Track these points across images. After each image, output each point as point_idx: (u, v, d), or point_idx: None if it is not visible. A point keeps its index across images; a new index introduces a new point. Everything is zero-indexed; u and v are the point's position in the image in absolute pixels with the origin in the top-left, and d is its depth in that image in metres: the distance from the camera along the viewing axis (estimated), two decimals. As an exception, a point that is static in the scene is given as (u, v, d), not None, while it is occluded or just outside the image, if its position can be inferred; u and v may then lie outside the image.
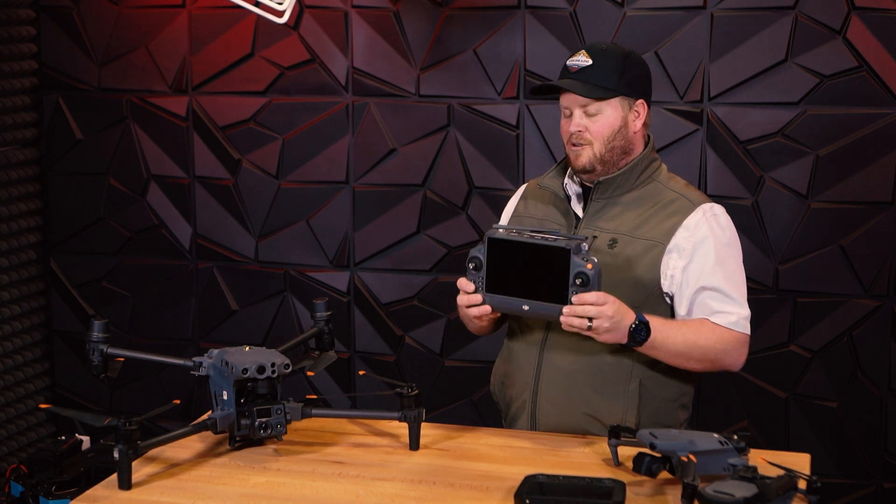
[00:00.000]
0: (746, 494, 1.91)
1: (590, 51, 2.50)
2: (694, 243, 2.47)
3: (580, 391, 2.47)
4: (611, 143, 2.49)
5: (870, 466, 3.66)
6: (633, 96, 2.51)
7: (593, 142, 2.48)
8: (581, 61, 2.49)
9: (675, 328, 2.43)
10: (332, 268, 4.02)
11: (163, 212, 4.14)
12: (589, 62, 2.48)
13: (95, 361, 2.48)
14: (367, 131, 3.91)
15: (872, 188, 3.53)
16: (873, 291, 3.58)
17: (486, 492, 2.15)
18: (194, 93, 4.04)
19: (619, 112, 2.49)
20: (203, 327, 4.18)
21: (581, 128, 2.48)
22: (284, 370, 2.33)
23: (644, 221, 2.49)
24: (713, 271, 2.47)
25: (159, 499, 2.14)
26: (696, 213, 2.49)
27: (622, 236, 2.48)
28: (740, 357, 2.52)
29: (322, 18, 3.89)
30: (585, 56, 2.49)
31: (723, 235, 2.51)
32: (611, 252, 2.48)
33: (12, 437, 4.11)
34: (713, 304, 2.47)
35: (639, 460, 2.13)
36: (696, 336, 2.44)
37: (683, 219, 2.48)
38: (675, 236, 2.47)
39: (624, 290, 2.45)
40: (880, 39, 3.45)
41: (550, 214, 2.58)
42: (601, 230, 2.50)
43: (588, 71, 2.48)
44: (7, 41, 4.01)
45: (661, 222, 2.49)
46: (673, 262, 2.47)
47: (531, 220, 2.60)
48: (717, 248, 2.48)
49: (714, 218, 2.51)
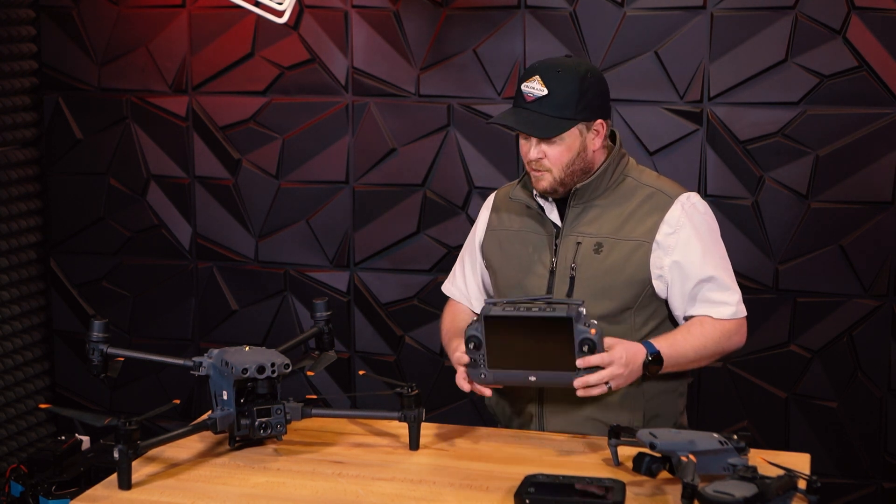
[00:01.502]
0: (746, 494, 1.91)
1: (545, 76, 2.42)
2: (678, 239, 2.48)
3: (588, 399, 2.46)
4: (570, 168, 2.47)
5: (870, 466, 3.66)
6: (591, 119, 2.46)
7: (552, 168, 2.45)
8: (535, 90, 2.42)
9: (683, 342, 2.45)
10: (332, 268, 4.02)
11: (163, 212, 4.14)
12: (544, 92, 2.41)
13: (95, 361, 2.48)
14: (367, 131, 3.91)
15: (872, 188, 3.53)
16: (873, 291, 3.58)
17: (486, 492, 2.15)
18: (194, 93, 4.04)
19: (578, 137, 2.45)
20: (203, 327, 4.18)
21: (540, 155, 2.45)
22: (284, 370, 2.33)
23: (625, 222, 2.49)
24: (704, 262, 2.48)
25: (159, 499, 2.14)
26: (675, 206, 2.50)
27: (606, 239, 2.49)
28: (742, 338, 2.56)
29: (322, 18, 3.89)
30: (540, 84, 2.42)
31: (703, 224, 2.52)
32: (597, 257, 2.48)
33: (12, 437, 4.11)
34: (712, 295, 2.49)
35: (639, 460, 2.13)
36: (702, 341, 2.47)
37: (664, 214, 2.49)
38: (658, 233, 2.48)
39: (615, 293, 2.46)
40: (880, 39, 3.45)
41: (527, 225, 2.58)
42: (583, 235, 2.50)
43: (544, 101, 2.41)
44: (7, 41, 4.01)
45: (642, 220, 2.49)
46: (660, 260, 2.48)
47: (507, 233, 2.60)
48: (702, 239, 2.50)
49: (693, 208, 2.51)
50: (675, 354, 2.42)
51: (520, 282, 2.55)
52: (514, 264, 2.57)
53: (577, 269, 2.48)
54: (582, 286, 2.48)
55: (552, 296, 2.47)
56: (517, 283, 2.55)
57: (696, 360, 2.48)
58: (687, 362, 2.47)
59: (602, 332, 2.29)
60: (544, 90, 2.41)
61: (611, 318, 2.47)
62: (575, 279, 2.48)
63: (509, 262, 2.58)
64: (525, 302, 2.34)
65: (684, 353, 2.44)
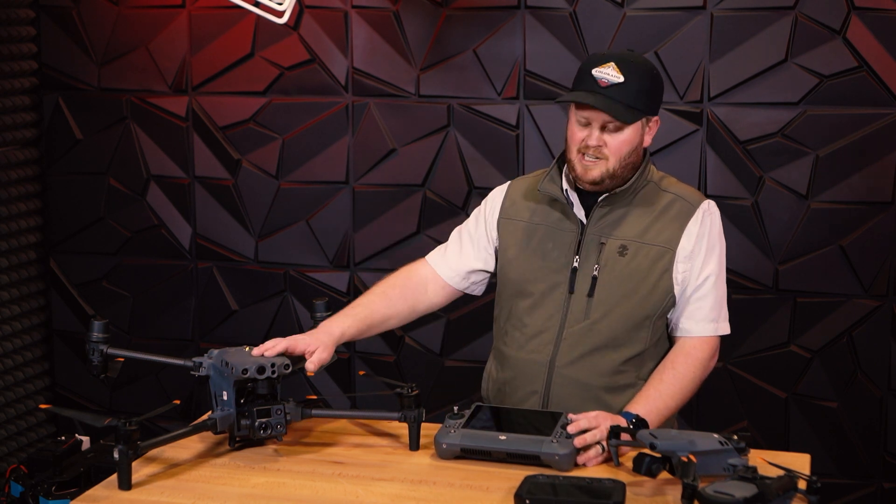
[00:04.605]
0: (746, 494, 1.91)
1: (620, 65, 2.41)
2: (696, 245, 2.49)
3: (592, 400, 2.47)
4: (626, 160, 2.46)
5: (870, 466, 3.66)
6: (653, 114, 2.50)
7: (609, 157, 2.44)
8: (612, 76, 2.40)
9: (662, 397, 2.42)
10: (332, 268, 4.02)
11: (163, 212, 4.14)
12: (620, 79, 2.40)
13: (95, 361, 2.48)
14: (367, 131, 3.91)
15: (872, 188, 3.53)
16: (873, 291, 3.58)
17: (486, 492, 2.15)
18: (194, 93, 4.04)
19: (639, 130, 2.46)
20: (203, 327, 4.18)
21: (601, 143, 2.43)
22: (284, 370, 2.33)
23: (649, 226, 2.49)
24: (707, 259, 2.49)
25: (159, 499, 2.14)
26: (698, 214, 2.51)
27: (631, 242, 2.48)
28: (714, 360, 2.54)
29: (322, 18, 3.89)
30: (616, 71, 2.41)
31: (716, 236, 2.53)
32: (622, 259, 2.47)
33: (12, 437, 4.11)
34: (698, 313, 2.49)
35: (639, 460, 2.13)
36: (679, 384, 2.45)
37: (686, 222, 2.50)
38: (682, 241, 2.48)
39: (637, 297, 2.46)
40: (880, 39, 3.45)
41: (549, 219, 2.55)
42: (607, 236, 2.49)
43: (619, 88, 2.40)
44: (7, 41, 4.01)
45: (666, 227, 2.49)
46: (682, 267, 2.48)
47: (526, 224, 2.57)
48: (710, 239, 2.51)
49: (710, 216, 2.53)
50: (658, 416, 2.40)
51: (541, 277, 2.52)
52: (535, 257, 2.54)
53: (600, 270, 2.47)
54: (604, 287, 2.47)
55: (563, 336, 2.48)
56: (537, 277, 2.52)
57: (680, 405, 2.47)
58: (673, 411, 2.46)
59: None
60: (620, 77, 2.40)
61: (630, 324, 2.47)
62: (597, 280, 2.47)
63: (530, 254, 2.55)
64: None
65: (667, 406, 2.42)
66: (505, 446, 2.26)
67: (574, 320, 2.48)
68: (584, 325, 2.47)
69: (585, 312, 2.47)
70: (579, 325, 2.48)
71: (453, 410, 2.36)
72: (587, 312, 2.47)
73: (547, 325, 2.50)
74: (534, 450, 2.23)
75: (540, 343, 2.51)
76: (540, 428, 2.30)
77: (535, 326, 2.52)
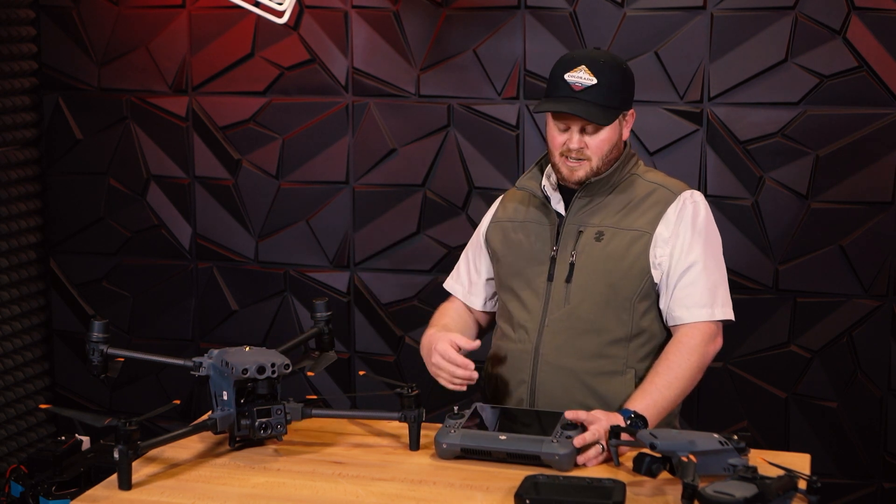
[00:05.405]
0: (746, 494, 1.91)
1: (591, 67, 2.45)
2: (675, 231, 2.49)
3: (578, 386, 2.48)
4: (608, 157, 2.51)
5: (870, 466, 3.66)
6: (628, 108, 2.53)
7: (592, 157, 2.49)
8: (584, 79, 2.44)
9: (658, 389, 2.40)
10: (332, 268, 4.02)
11: (163, 212, 4.14)
12: (593, 81, 2.44)
13: (95, 361, 2.48)
14: (367, 131, 3.91)
15: (872, 188, 3.53)
16: (873, 291, 3.58)
17: (486, 492, 2.15)
18: (194, 93, 4.04)
19: (617, 126, 2.51)
20: (203, 327, 4.18)
21: (582, 145, 2.48)
22: (284, 370, 2.33)
23: (627, 213, 2.52)
24: (689, 251, 2.48)
25: (159, 499, 2.14)
26: (678, 201, 2.52)
27: (608, 228, 2.51)
28: (717, 344, 2.51)
29: (322, 18, 3.89)
30: (588, 73, 2.44)
31: (701, 220, 2.52)
32: (598, 244, 2.50)
33: (12, 437, 4.11)
34: (688, 300, 2.47)
35: (639, 460, 2.13)
36: (676, 374, 2.43)
37: (666, 208, 2.52)
38: (659, 225, 2.50)
39: (614, 279, 2.47)
40: (880, 39, 3.45)
41: (531, 215, 2.60)
42: (586, 224, 2.52)
43: (594, 91, 2.44)
44: (7, 41, 4.01)
45: (645, 212, 2.52)
46: (660, 251, 2.49)
47: (512, 224, 2.63)
48: (697, 232, 2.50)
49: (693, 204, 2.53)
50: (654, 404, 2.38)
51: (521, 269, 2.57)
52: (515, 252, 2.59)
53: (577, 255, 2.50)
54: (581, 272, 2.49)
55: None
56: (518, 270, 2.57)
57: (682, 395, 2.45)
58: (674, 403, 2.44)
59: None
60: (593, 79, 2.44)
61: (610, 307, 2.48)
62: (574, 265, 2.50)
63: (511, 250, 2.60)
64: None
65: (667, 399, 2.40)
66: (505, 446, 2.26)
67: (555, 307, 2.51)
68: (564, 310, 2.50)
69: (565, 298, 2.50)
70: (560, 311, 2.50)
71: (453, 410, 2.37)
72: (567, 298, 2.50)
73: (531, 315, 2.54)
74: (534, 450, 2.23)
75: (525, 332, 2.54)
76: (540, 428, 2.30)
77: (520, 317, 2.55)
